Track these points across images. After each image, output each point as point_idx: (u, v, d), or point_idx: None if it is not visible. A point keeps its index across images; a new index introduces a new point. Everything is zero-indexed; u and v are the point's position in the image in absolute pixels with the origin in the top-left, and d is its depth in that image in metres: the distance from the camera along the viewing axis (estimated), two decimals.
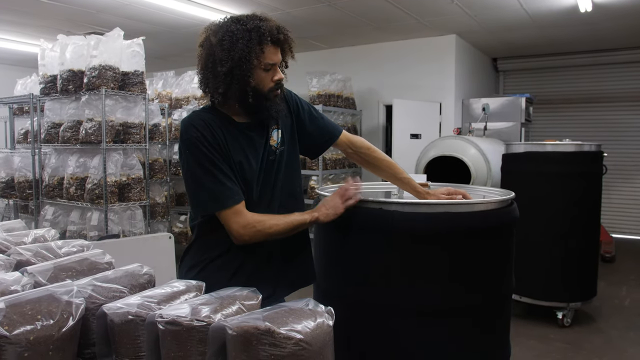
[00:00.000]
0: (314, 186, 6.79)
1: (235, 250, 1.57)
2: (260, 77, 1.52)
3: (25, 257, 1.43)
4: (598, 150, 3.98)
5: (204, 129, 1.52)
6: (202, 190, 1.52)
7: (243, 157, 1.57)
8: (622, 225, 7.64)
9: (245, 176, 1.57)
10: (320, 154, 1.87)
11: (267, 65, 1.52)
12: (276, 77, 1.55)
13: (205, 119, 1.54)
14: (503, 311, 1.78)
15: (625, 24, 6.06)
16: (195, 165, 1.52)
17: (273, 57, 1.53)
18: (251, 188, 1.58)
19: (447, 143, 5.13)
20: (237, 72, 1.48)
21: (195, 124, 1.53)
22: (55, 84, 4.44)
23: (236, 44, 1.47)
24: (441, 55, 6.77)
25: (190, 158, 1.52)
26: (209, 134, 1.51)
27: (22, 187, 5.04)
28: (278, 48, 1.55)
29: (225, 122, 1.58)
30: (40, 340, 0.98)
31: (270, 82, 1.54)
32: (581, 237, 3.89)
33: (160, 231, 4.91)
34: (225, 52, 1.47)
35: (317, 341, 0.92)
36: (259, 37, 1.48)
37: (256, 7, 5.37)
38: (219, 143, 1.52)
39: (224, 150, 1.53)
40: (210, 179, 1.50)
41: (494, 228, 1.68)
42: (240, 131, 1.58)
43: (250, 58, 1.47)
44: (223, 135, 1.54)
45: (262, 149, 1.61)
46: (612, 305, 4.47)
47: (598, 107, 7.75)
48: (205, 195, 1.52)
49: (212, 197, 1.51)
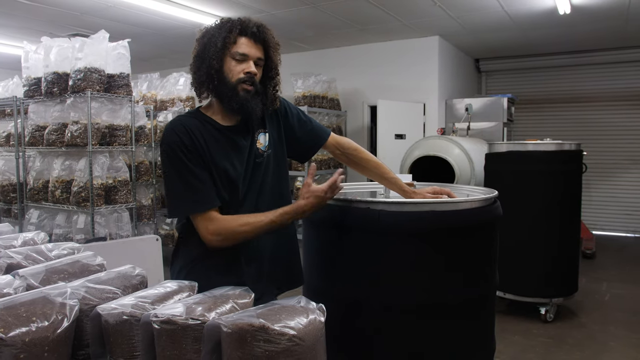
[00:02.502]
0: (299, 187, 6.82)
1: (221, 251, 1.58)
2: (229, 65, 1.55)
3: (15, 260, 1.42)
4: (578, 149, 4.07)
5: (183, 134, 1.54)
6: (176, 194, 1.56)
7: (227, 161, 1.58)
8: (602, 222, 7.80)
9: (230, 179, 1.58)
10: (310, 158, 1.89)
11: (237, 55, 1.55)
12: (247, 70, 1.56)
13: (187, 124, 1.56)
14: (487, 307, 1.83)
15: (603, 26, 6.19)
16: (172, 170, 1.55)
17: (244, 48, 1.55)
18: (236, 191, 1.59)
19: (431, 143, 5.19)
20: (204, 55, 1.55)
21: (176, 129, 1.55)
22: (39, 86, 4.40)
23: (209, 32, 1.57)
24: (424, 57, 6.84)
25: (168, 162, 1.56)
26: (188, 139, 1.54)
27: (6, 190, 4.98)
28: (253, 42, 1.57)
29: (209, 126, 1.59)
30: (36, 342, 0.99)
31: (240, 73, 1.55)
32: (562, 234, 3.97)
33: (147, 233, 4.89)
34: (199, 41, 1.58)
35: (310, 337, 0.95)
36: (229, 26, 1.55)
37: (240, 9, 5.38)
38: (197, 148, 1.54)
39: (204, 155, 1.54)
40: (184, 184, 1.53)
41: (478, 226, 1.72)
42: (223, 134, 1.60)
43: (216, 41, 1.53)
44: (204, 140, 1.56)
45: (247, 151, 1.62)
46: (593, 300, 4.56)
47: (578, 107, 7.90)
48: (178, 200, 1.57)
49: (184, 202, 1.55)
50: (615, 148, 7.66)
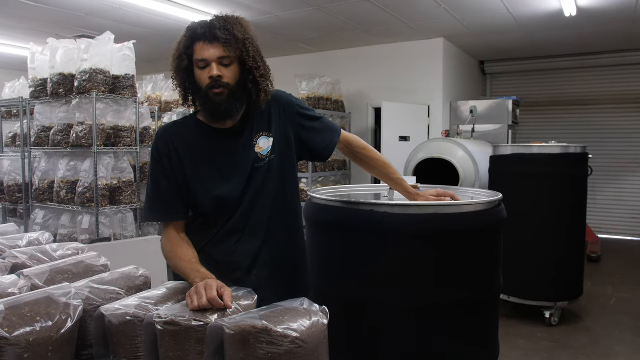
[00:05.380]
0: (304, 188, 6.81)
1: (222, 253, 1.57)
2: (197, 75, 1.51)
3: (20, 260, 1.43)
4: (583, 152, 4.05)
5: (162, 142, 1.56)
6: (146, 198, 1.61)
7: (211, 162, 1.56)
8: (608, 226, 7.75)
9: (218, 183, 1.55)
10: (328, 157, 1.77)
11: (199, 62, 1.50)
12: (210, 74, 1.48)
13: (171, 131, 1.59)
14: (491, 310, 1.82)
15: (609, 28, 6.17)
16: (149, 174, 1.61)
17: (203, 53, 1.48)
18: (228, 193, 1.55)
19: (436, 145, 5.19)
20: (177, 72, 1.53)
21: (159, 135, 1.59)
22: (45, 87, 4.42)
23: (177, 45, 1.54)
24: (429, 59, 6.83)
25: (149, 166, 1.61)
26: (164, 147, 1.55)
27: (12, 190, 5.01)
28: (208, 44, 1.48)
29: (200, 131, 1.58)
30: (40, 342, 0.99)
31: (207, 79, 1.49)
32: (568, 237, 3.95)
33: (151, 234, 4.90)
34: (173, 56, 1.55)
35: (313, 339, 0.95)
36: (190, 34, 1.51)
37: (245, 11, 5.39)
38: (170, 158, 1.54)
39: (176, 166, 1.55)
40: (150, 190, 1.58)
41: (482, 229, 1.72)
42: (212, 136, 1.57)
43: (182, 56, 1.51)
44: (187, 147, 1.55)
45: (242, 154, 1.57)
46: (598, 304, 4.54)
47: (583, 110, 7.87)
48: (145, 204, 1.61)
49: (146, 207, 1.60)
50: (621, 151, 7.62)
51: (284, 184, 1.64)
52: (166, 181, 1.54)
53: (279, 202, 1.63)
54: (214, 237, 1.57)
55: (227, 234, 1.57)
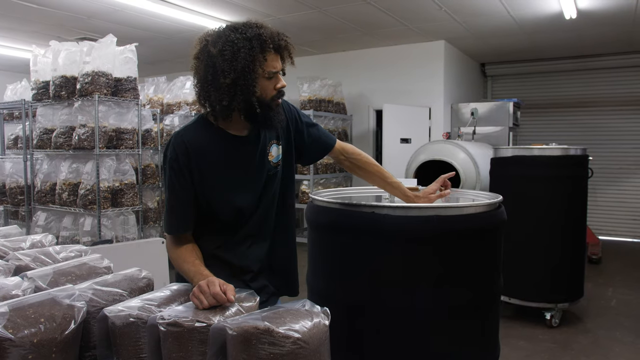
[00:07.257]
0: (305, 190, 6.82)
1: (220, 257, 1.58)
2: (263, 86, 1.47)
3: (24, 262, 1.44)
4: (584, 154, 4.06)
5: (181, 153, 1.50)
6: (165, 210, 1.59)
7: (231, 172, 1.55)
8: (608, 227, 7.75)
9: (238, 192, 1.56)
10: (314, 162, 1.88)
11: (270, 74, 1.48)
12: (279, 85, 1.52)
13: (188, 140, 1.51)
14: (492, 312, 1.83)
15: (609, 31, 6.18)
16: (165, 184, 1.57)
17: (275, 65, 1.49)
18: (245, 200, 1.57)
19: (437, 147, 5.19)
20: (241, 82, 1.43)
21: (175, 145, 1.52)
22: (47, 89, 4.44)
23: (238, 53, 1.41)
24: (430, 61, 6.85)
25: (165, 175, 1.57)
26: (184, 158, 1.50)
27: (14, 192, 5.02)
28: (278, 55, 1.51)
29: (217, 138, 1.55)
30: (44, 343, 1.00)
31: (273, 90, 1.50)
32: (568, 239, 3.95)
33: (153, 236, 4.91)
34: (227, 63, 1.42)
35: (314, 340, 0.96)
36: (260, 45, 1.44)
37: (247, 14, 5.41)
38: (191, 169, 1.51)
39: (195, 176, 1.52)
40: (168, 202, 1.55)
41: (483, 230, 1.73)
42: (231, 144, 1.56)
43: (254, 67, 1.43)
44: (205, 156, 1.52)
45: (258, 162, 1.58)
46: (598, 305, 4.54)
47: (584, 112, 7.88)
48: (165, 216, 1.58)
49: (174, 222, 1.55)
50: (622, 153, 7.62)
51: (285, 188, 1.69)
52: (187, 193, 1.52)
53: (281, 205, 1.68)
54: (227, 242, 1.59)
55: (241, 239, 1.60)
